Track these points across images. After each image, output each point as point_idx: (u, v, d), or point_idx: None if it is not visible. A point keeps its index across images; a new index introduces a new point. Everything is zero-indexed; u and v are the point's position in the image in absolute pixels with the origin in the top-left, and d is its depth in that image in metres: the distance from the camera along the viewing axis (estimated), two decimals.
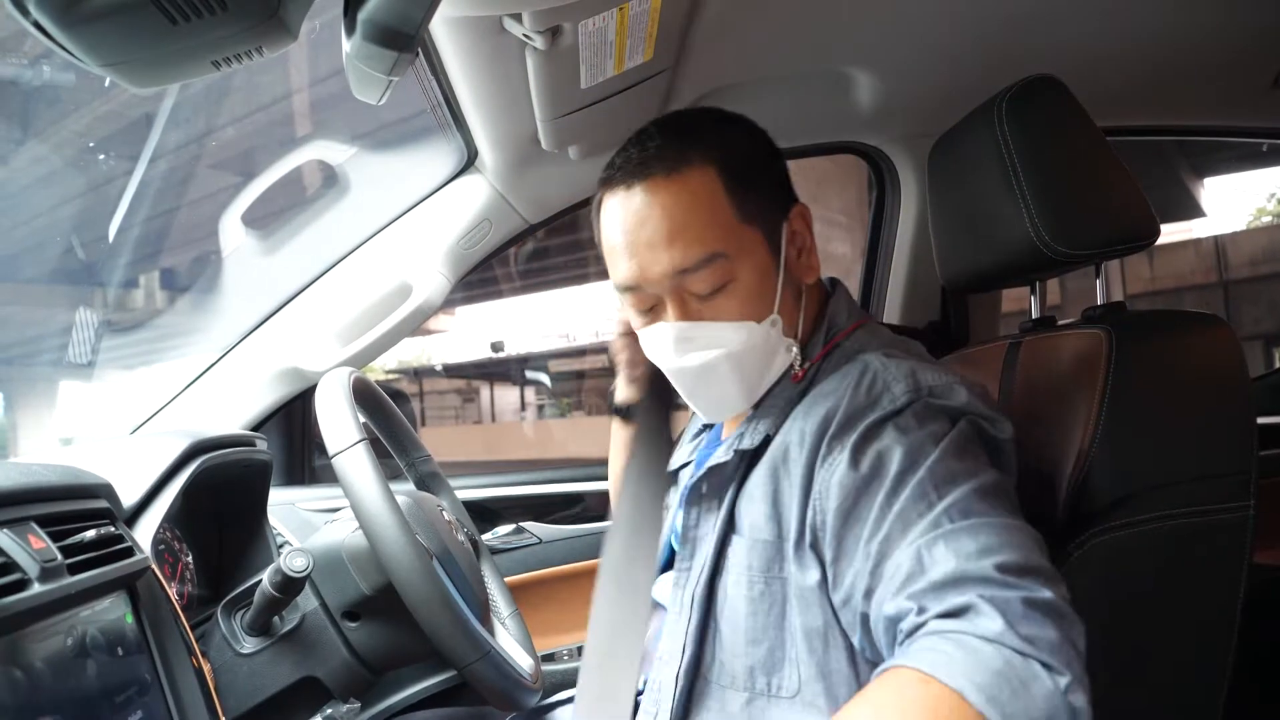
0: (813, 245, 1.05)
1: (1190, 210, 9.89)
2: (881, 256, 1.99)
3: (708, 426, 1.21)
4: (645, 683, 1.05)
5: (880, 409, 0.88)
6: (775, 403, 1.01)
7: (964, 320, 1.93)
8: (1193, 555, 0.96)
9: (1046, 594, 0.71)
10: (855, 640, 0.86)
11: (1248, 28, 1.49)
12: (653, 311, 1.01)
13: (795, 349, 1.00)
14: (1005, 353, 1.21)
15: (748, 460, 0.99)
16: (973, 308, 1.94)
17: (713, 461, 1.01)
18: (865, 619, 0.82)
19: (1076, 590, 0.91)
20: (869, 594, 0.81)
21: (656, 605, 1.10)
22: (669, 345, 0.99)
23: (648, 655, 1.14)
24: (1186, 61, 1.60)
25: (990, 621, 0.68)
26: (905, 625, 0.74)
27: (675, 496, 1.18)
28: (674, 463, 1.18)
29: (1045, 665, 0.66)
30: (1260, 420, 0.99)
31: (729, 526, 0.98)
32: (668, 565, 1.11)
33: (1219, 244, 10.58)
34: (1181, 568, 0.96)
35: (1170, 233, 10.39)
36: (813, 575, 0.89)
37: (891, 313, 1.96)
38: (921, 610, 0.73)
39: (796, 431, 0.94)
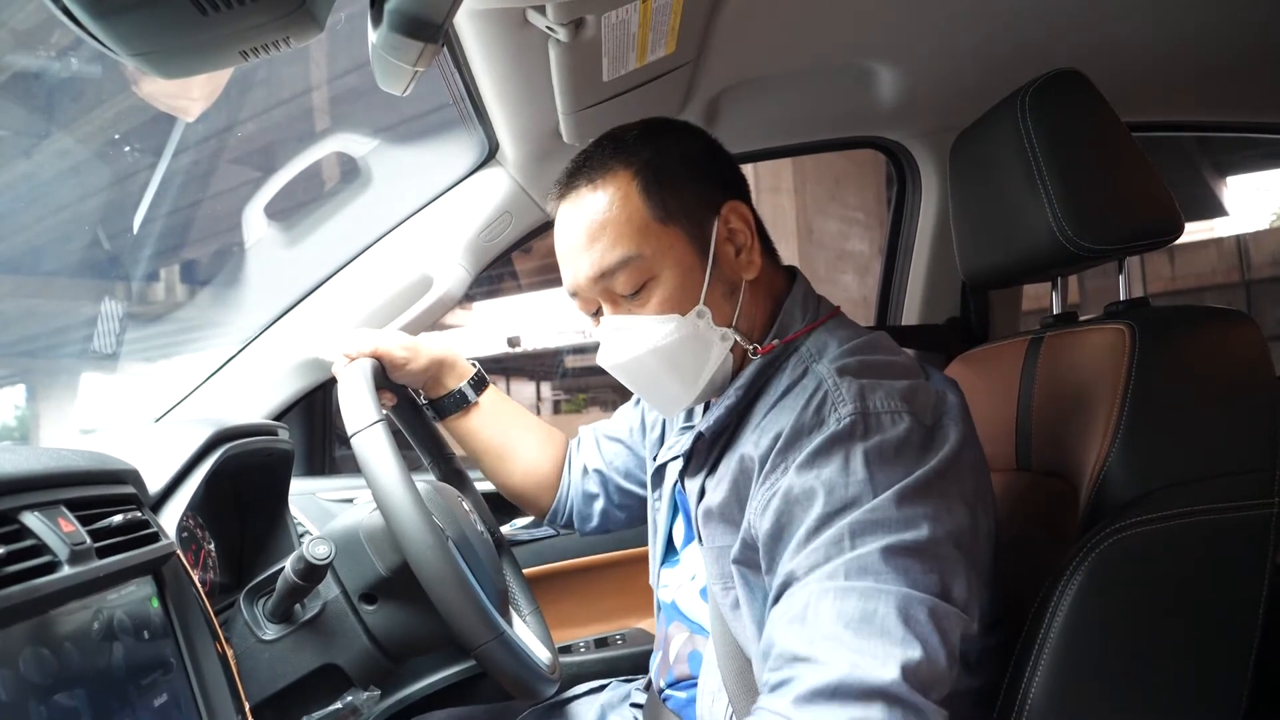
0: (753, 244, 1.05)
1: (1212, 209, 9.80)
2: (902, 252, 1.98)
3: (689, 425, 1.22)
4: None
5: (825, 430, 0.88)
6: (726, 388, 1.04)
7: (985, 316, 1.92)
8: (1214, 553, 0.95)
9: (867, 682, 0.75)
10: None
11: (1273, 22, 1.47)
12: (597, 315, 1.07)
13: (734, 335, 1.02)
14: (1027, 349, 1.21)
15: (707, 465, 1.04)
16: (994, 303, 1.93)
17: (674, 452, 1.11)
18: None
19: (1096, 587, 0.91)
20: (767, 615, 0.87)
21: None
22: (603, 342, 1.05)
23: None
24: (1211, 57, 1.58)
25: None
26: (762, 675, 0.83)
27: (663, 490, 1.20)
28: (661, 457, 1.20)
29: None
30: None
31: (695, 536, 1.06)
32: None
33: (1241, 243, 10.46)
34: (1202, 566, 0.95)
35: (1192, 231, 10.29)
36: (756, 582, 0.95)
37: (911, 308, 1.96)
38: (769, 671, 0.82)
39: (751, 444, 0.96)
